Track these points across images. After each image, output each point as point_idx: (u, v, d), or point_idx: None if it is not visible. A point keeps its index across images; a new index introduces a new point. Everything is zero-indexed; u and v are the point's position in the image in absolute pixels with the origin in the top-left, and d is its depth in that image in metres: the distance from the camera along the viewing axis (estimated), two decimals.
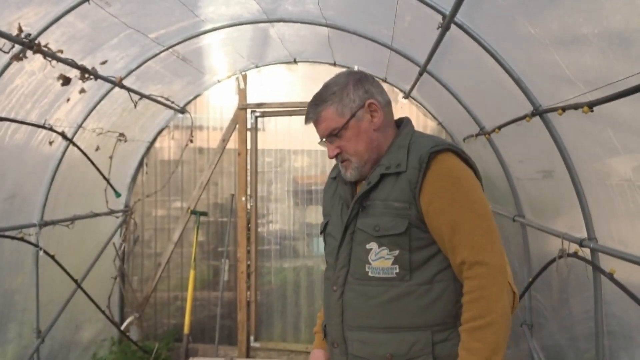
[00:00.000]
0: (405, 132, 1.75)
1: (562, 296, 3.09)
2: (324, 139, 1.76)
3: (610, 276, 2.22)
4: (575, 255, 2.55)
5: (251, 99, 5.26)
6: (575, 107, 2.02)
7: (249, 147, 5.28)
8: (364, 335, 1.65)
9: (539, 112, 2.53)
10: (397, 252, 1.61)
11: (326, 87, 1.75)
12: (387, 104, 1.78)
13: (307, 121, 1.76)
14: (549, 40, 2.12)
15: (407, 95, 4.95)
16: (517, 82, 2.59)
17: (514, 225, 3.66)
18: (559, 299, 3.16)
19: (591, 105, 1.86)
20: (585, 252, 2.48)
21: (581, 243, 2.45)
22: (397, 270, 1.61)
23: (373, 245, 1.64)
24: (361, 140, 1.71)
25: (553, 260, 2.78)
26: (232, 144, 5.33)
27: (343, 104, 1.70)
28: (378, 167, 1.69)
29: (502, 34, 2.53)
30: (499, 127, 3.23)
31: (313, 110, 1.73)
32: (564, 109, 2.17)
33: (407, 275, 1.60)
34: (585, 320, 2.70)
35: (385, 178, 1.66)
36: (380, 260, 1.63)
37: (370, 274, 1.64)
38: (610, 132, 2.07)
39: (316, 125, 1.75)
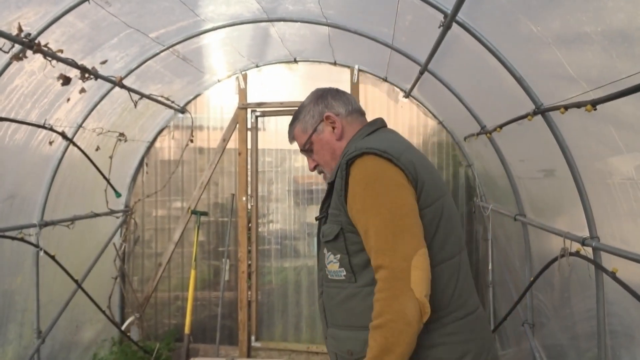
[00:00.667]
0: (353, 139, 1.84)
1: (564, 295, 3.09)
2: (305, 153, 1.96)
3: (612, 275, 2.21)
4: (577, 254, 2.54)
5: (251, 98, 5.25)
6: (578, 105, 2.01)
7: (249, 146, 5.28)
8: (334, 332, 1.76)
9: (540, 111, 2.52)
10: (339, 256, 1.70)
11: (300, 106, 1.95)
12: (351, 113, 1.89)
13: (290, 141, 2.01)
14: (551, 38, 2.11)
15: (407, 95, 4.94)
16: (519, 80, 2.58)
17: (515, 224, 3.65)
18: (560, 298, 3.15)
19: (594, 103, 1.85)
20: (588, 251, 2.48)
21: (583, 242, 2.44)
22: (344, 273, 1.70)
23: (325, 250, 1.77)
24: (326, 152, 1.89)
25: (555, 259, 2.77)
26: (233, 143, 5.32)
27: (305, 120, 1.91)
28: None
29: (504, 32, 2.53)
30: (501, 126, 3.22)
31: (290, 129, 1.97)
32: (566, 107, 2.16)
33: (353, 278, 1.68)
34: (587, 320, 2.70)
35: (332, 187, 1.75)
36: (331, 264, 1.74)
37: (329, 276, 1.76)
38: (612, 131, 2.06)
39: (293, 142, 1.99)
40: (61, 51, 2.98)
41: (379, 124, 1.91)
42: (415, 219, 1.58)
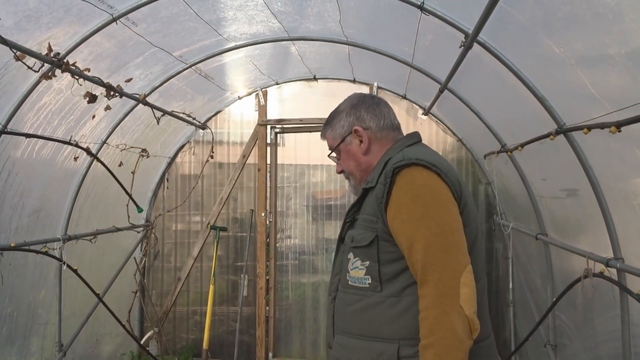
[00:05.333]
0: (393, 148, 1.81)
1: (587, 316, 3.04)
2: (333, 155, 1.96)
3: (637, 297, 2.18)
4: (601, 275, 2.51)
5: (271, 115, 5.31)
6: (602, 126, 2.00)
7: (268, 162, 5.32)
8: (343, 340, 1.72)
9: (563, 131, 2.51)
10: (367, 263, 1.66)
11: (334, 110, 1.95)
12: (382, 128, 1.86)
13: (321, 137, 2.00)
14: (574, 59, 2.11)
15: (426, 112, 4.95)
16: (541, 100, 2.58)
17: (536, 243, 3.62)
18: (583, 319, 3.11)
19: (619, 125, 1.84)
20: (612, 272, 2.44)
21: (607, 263, 2.41)
22: (370, 281, 1.65)
23: (350, 256, 1.72)
24: (351, 162, 1.89)
25: (578, 280, 2.73)
26: (252, 159, 5.37)
27: (335, 128, 1.90)
28: (364, 183, 1.79)
29: (526, 52, 2.53)
30: (522, 145, 3.21)
31: (322, 130, 1.98)
32: (589, 128, 2.15)
33: (378, 287, 1.64)
34: (611, 341, 2.65)
35: (367, 193, 1.73)
36: (355, 270, 1.70)
37: (349, 282, 1.72)
38: (637, 151, 2.05)
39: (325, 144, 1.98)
40: (88, 70, 3.05)
41: (417, 137, 1.86)
42: (463, 235, 1.56)
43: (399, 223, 1.58)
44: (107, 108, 3.51)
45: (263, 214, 5.24)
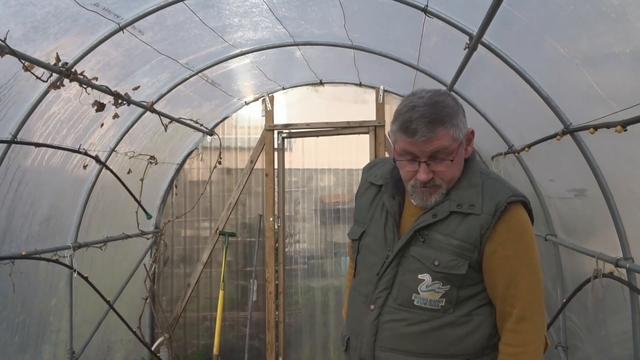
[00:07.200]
0: (474, 169, 1.71)
1: (598, 317, 3.02)
2: (417, 159, 1.61)
3: None
4: (610, 275, 2.49)
5: (278, 120, 5.33)
6: (608, 126, 2.00)
7: (276, 167, 5.33)
8: (397, 358, 1.66)
9: (569, 131, 2.50)
10: (448, 287, 1.63)
11: (435, 104, 1.58)
12: None
13: (414, 136, 1.57)
14: (579, 59, 2.11)
15: None
16: (547, 100, 2.57)
17: (545, 244, 3.60)
18: (594, 320, 3.08)
19: (625, 124, 1.84)
20: (622, 272, 2.43)
21: (617, 263, 2.39)
22: (443, 304, 1.64)
23: (426, 277, 1.64)
24: (458, 168, 1.67)
25: (588, 281, 2.72)
26: (260, 164, 5.38)
27: (459, 128, 1.61)
28: (448, 201, 1.65)
29: (531, 53, 2.53)
30: (529, 146, 3.20)
31: (427, 127, 1.55)
32: (595, 127, 2.15)
33: (451, 309, 1.64)
34: (623, 342, 2.63)
35: (451, 214, 1.64)
36: (430, 292, 1.64)
37: (415, 302, 1.65)
38: None
39: (424, 143, 1.57)
40: (96, 79, 3.08)
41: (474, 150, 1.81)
42: None
43: (500, 258, 1.61)
44: (115, 116, 3.54)
45: (271, 219, 5.25)
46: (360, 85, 5.20)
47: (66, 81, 2.88)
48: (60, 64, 2.77)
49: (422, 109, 1.57)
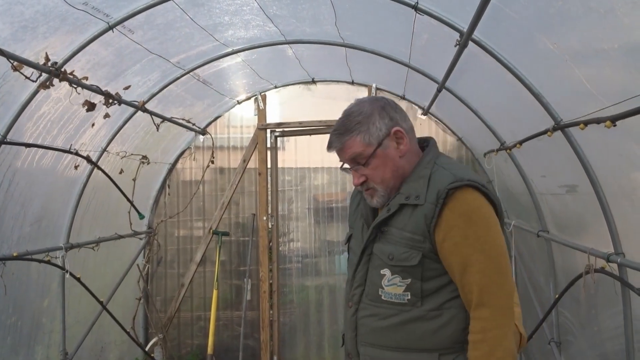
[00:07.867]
0: (427, 160, 1.73)
1: (591, 312, 3.03)
2: (345, 166, 1.77)
3: (639, 291, 2.18)
4: (602, 270, 2.50)
5: (271, 118, 5.32)
6: (597, 121, 2.01)
7: (269, 166, 5.32)
8: (374, 352, 1.71)
9: (560, 127, 2.51)
10: (409, 280, 1.65)
11: (348, 115, 1.73)
12: (411, 129, 1.78)
13: (329, 149, 1.75)
14: (569, 55, 2.11)
15: (426, 112, 4.95)
16: (537, 96, 2.58)
17: (538, 240, 3.61)
18: (587, 315, 3.10)
19: (614, 119, 1.84)
20: (613, 267, 2.44)
21: (608, 258, 2.41)
22: (409, 297, 1.65)
23: (386, 272, 1.68)
24: (388, 169, 1.71)
25: (580, 276, 2.73)
26: (253, 163, 5.37)
27: (370, 132, 1.68)
28: (398, 195, 1.70)
29: (521, 50, 2.54)
30: (520, 142, 3.21)
31: (337, 139, 1.71)
32: (586, 123, 2.15)
33: (419, 302, 1.64)
34: (615, 337, 2.64)
35: (403, 207, 1.67)
36: (392, 286, 1.67)
37: (383, 297, 1.69)
38: (634, 146, 2.04)
39: (340, 153, 1.74)
40: (86, 78, 3.07)
41: (434, 143, 1.83)
42: (508, 256, 1.63)
43: (450, 245, 1.59)
44: (106, 116, 3.52)
45: (265, 218, 5.24)
46: (352, 83, 5.20)
47: (56, 81, 2.85)
48: (49, 64, 2.75)
49: (337, 122, 1.75)
